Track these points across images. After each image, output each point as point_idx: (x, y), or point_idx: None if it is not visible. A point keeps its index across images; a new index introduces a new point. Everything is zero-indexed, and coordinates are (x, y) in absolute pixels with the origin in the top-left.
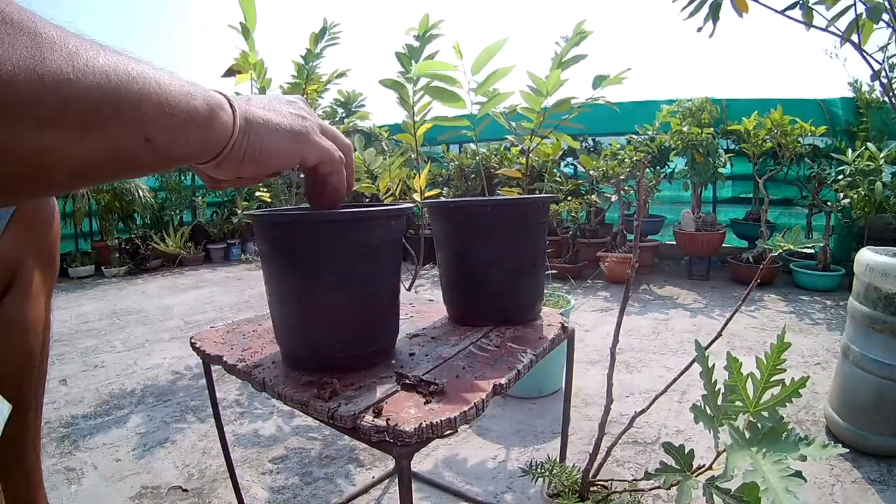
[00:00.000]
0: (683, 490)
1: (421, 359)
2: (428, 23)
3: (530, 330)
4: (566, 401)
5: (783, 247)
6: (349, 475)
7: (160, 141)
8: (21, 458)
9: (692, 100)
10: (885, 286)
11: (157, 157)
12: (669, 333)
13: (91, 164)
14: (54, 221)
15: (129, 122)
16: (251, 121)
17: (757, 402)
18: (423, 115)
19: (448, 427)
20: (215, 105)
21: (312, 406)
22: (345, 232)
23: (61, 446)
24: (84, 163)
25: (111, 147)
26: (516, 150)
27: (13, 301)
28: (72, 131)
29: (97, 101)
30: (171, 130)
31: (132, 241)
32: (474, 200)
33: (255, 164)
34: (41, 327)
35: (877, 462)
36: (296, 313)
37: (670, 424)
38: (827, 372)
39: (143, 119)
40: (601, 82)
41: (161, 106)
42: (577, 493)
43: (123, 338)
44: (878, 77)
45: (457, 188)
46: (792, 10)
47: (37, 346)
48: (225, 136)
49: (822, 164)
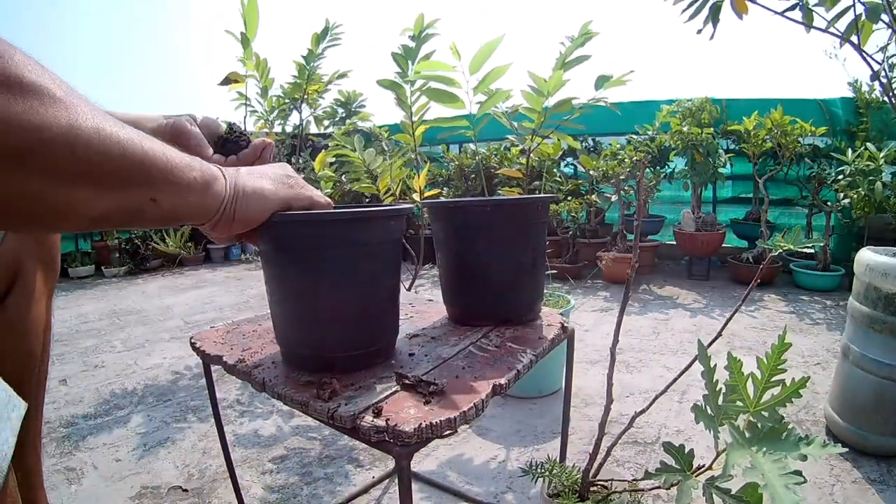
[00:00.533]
0: (683, 490)
1: (421, 359)
2: (423, 22)
3: (530, 330)
4: (566, 401)
5: (783, 247)
6: (349, 475)
7: (165, 203)
8: (22, 459)
9: (692, 100)
10: (885, 286)
11: (162, 215)
12: (669, 333)
13: (107, 216)
14: None
15: (142, 186)
16: (239, 188)
17: (757, 402)
18: (422, 115)
19: (447, 427)
20: (210, 177)
21: (312, 406)
22: (345, 232)
23: (61, 446)
24: (102, 214)
25: (125, 204)
26: (516, 150)
27: (14, 302)
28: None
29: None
30: (174, 195)
31: (132, 241)
32: (474, 200)
33: (243, 224)
34: (42, 328)
35: (877, 462)
36: (296, 313)
37: (670, 424)
38: (827, 372)
39: (152, 184)
40: (604, 83)
41: (167, 174)
42: (577, 493)
43: (123, 338)
44: (878, 77)
45: (457, 188)
46: (791, 12)
47: (37, 347)
48: (217, 202)
49: (822, 164)
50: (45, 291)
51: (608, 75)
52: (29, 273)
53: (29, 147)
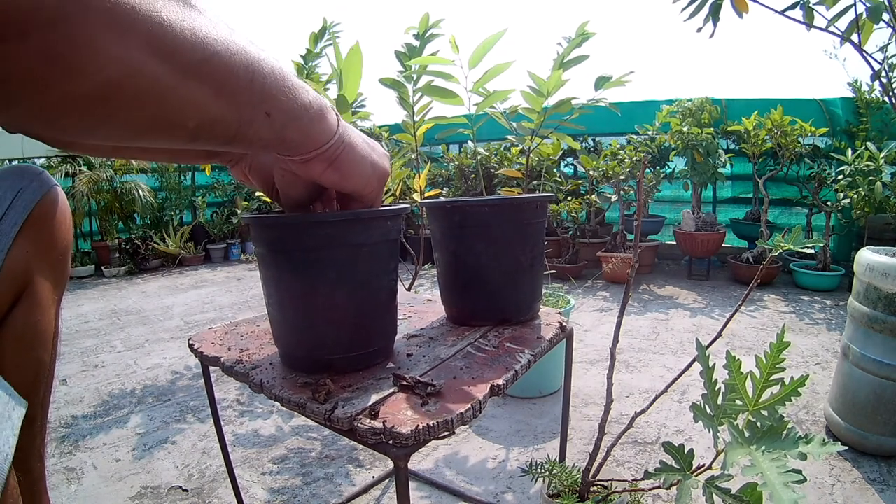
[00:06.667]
0: (683, 490)
1: (419, 360)
2: (428, 22)
3: (528, 330)
4: (566, 401)
5: (783, 247)
6: (349, 475)
7: (278, 119)
8: (28, 466)
9: (692, 100)
10: (885, 286)
11: (272, 132)
12: (669, 333)
13: (216, 123)
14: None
15: (257, 95)
16: (348, 137)
17: (756, 401)
18: (423, 114)
19: (445, 429)
20: (325, 106)
21: (309, 408)
22: (342, 233)
23: (61, 446)
24: (212, 120)
25: (237, 112)
26: (516, 150)
27: (23, 312)
28: (209, 88)
29: (234, 68)
30: (288, 112)
31: (132, 241)
32: (472, 200)
33: (339, 172)
34: (51, 337)
35: (877, 462)
36: (293, 315)
37: (670, 424)
38: (827, 372)
39: (267, 95)
40: (603, 84)
41: (284, 90)
42: (577, 493)
43: (123, 338)
44: (878, 77)
45: (457, 188)
46: (792, 11)
47: (46, 356)
48: (328, 136)
49: (822, 164)
50: (54, 300)
51: (608, 76)
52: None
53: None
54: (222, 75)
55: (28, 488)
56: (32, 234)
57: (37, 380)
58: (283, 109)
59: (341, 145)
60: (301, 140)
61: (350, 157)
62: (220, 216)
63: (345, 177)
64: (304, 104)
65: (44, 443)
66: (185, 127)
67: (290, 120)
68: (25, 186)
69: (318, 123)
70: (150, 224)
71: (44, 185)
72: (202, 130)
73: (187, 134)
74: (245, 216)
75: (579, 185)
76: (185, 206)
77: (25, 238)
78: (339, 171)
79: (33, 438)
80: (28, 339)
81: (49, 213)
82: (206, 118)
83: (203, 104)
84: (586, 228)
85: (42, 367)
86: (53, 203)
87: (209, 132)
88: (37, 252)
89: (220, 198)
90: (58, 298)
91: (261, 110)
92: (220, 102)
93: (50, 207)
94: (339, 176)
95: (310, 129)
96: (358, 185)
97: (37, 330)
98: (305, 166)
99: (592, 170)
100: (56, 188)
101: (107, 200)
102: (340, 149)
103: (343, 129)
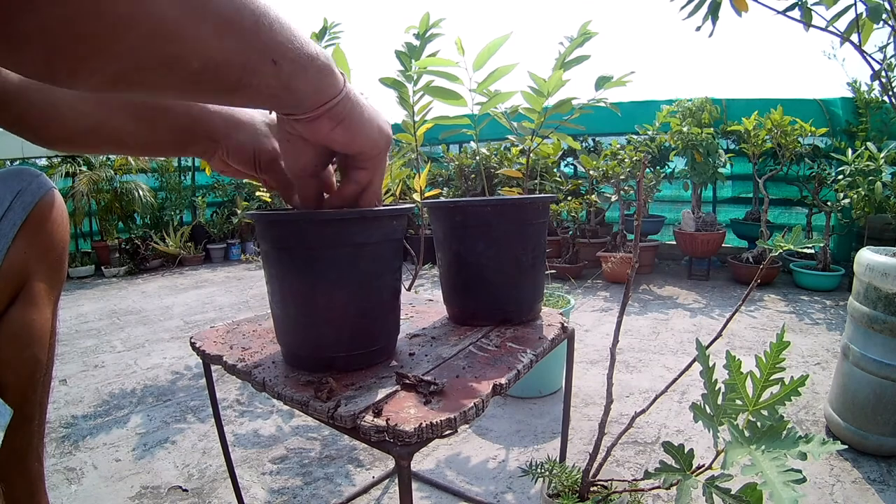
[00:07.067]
0: (683, 490)
1: (421, 359)
2: (429, 21)
3: (530, 330)
4: (566, 401)
5: (783, 247)
6: (349, 475)
7: (285, 68)
8: (26, 466)
9: (692, 100)
10: (885, 286)
11: (278, 81)
12: (669, 333)
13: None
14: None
15: (263, 39)
16: (354, 95)
17: (756, 401)
18: (424, 114)
19: (448, 427)
20: (330, 60)
21: (312, 406)
22: (347, 232)
23: (61, 446)
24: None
25: (242, 57)
26: (517, 150)
27: (19, 311)
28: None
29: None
30: (295, 62)
31: (132, 241)
32: (474, 200)
33: (350, 132)
34: (47, 336)
35: (877, 462)
36: (296, 313)
37: (670, 424)
38: (827, 372)
39: (274, 42)
40: (604, 84)
41: (291, 38)
42: (577, 494)
43: (123, 338)
44: (878, 77)
45: (457, 188)
46: (791, 11)
47: (43, 355)
48: (335, 90)
49: (822, 164)
50: (51, 300)
51: (608, 76)
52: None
53: None
54: (228, 15)
55: (27, 488)
56: (30, 235)
57: (33, 378)
58: (290, 58)
59: (349, 102)
60: (309, 92)
61: (359, 116)
62: (220, 216)
63: (354, 136)
64: (311, 54)
65: (42, 443)
66: (189, 67)
67: (298, 69)
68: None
69: (326, 76)
70: (150, 224)
71: (42, 188)
72: (206, 72)
73: (191, 75)
74: (249, 213)
75: (579, 185)
76: (185, 206)
77: (23, 239)
78: (349, 131)
79: (31, 438)
80: (24, 337)
81: (47, 215)
82: (211, 60)
83: (208, 43)
84: (586, 228)
85: (38, 365)
86: (51, 205)
87: (213, 75)
88: (34, 253)
89: (220, 198)
90: (54, 298)
91: (267, 57)
92: (226, 44)
93: (48, 209)
94: (349, 136)
95: (318, 81)
96: (366, 145)
97: (33, 328)
98: (313, 126)
99: (592, 170)
100: (53, 190)
101: (107, 200)
102: (349, 106)
103: (349, 87)
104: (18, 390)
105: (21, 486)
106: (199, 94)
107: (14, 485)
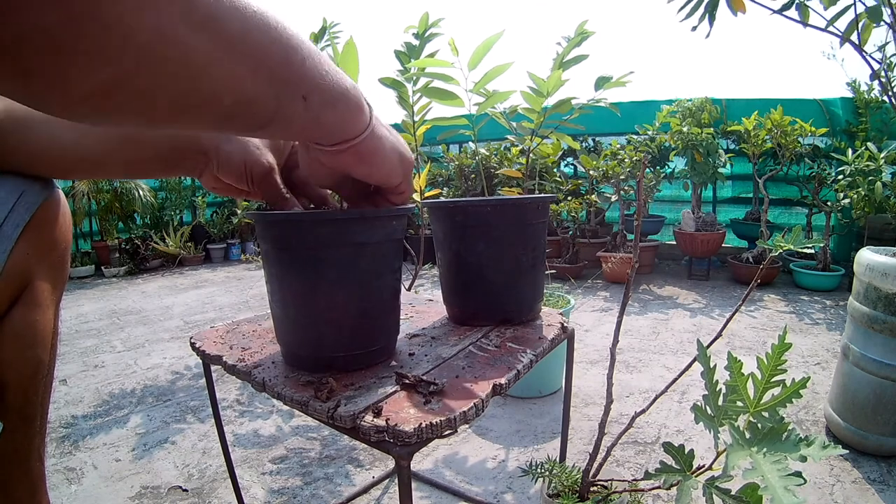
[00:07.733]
0: (683, 490)
1: (421, 359)
2: (428, 21)
3: (530, 330)
4: (566, 401)
5: (783, 247)
6: (349, 475)
7: (314, 103)
8: (27, 468)
9: (692, 100)
10: (885, 286)
11: (308, 115)
12: (669, 333)
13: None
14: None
15: (295, 74)
16: (378, 129)
17: (757, 403)
18: (423, 114)
19: (448, 427)
20: (362, 95)
21: (312, 406)
22: (347, 231)
23: (61, 446)
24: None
25: (275, 91)
26: (516, 150)
27: (21, 312)
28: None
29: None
30: (324, 97)
31: (132, 241)
32: (474, 200)
33: (369, 166)
34: (50, 337)
35: (877, 462)
36: (296, 313)
37: (670, 424)
38: (827, 372)
39: (305, 77)
40: (603, 84)
41: (322, 74)
42: (577, 493)
43: (123, 338)
44: (878, 77)
45: (457, 188)
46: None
47: (45, 355)
48: (361, 126)
49: (822, 164)
50: (53, 300)
51: (608, 76)
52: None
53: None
54: (261, 51)
55: (28, 488)
56: (34, 236)
57: (35, 379)
58: (319, 93)
59: (373, 139)
60: (336, 127)
61: (381, 151)
62: (220, 216)
63: (374, 171)
64: (342, 90)
65: (43, 442)
66: (220, 104)
67: (326, 105)
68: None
69: (354, 113)
70: (150, 224)
71: (45, 189)
72: (238, 108)
73: (223, 111)
74: (250, 213)
75: (579, 185)
76: (185, 206)
77: (27, 240)
78: (370, 166)
79: (32, 439)
80: (26, 337)
81: (50, 216)
82: (243, 96)
83: (240, 80)
84: (586, 228)
85: (41, 365)
86: (55, 206)
87: (245, 111)
88: (37, 254)
89: (220, 198)
90: (57, 298)
91: (298, 92)
92: (258, 79)
93: (51, 210)
94: (368, 170)
95: (346, 116)
96: (384, 177)
97: (35, 329)
98: (335, 158)
99: (592, 170)
100: (57, 191)
101: (107, 200)
102: (372, 143)
103: (374, 121)
104: (20, 390)
105: (23, 486)
106: (230, 127)
107: (16, 484)
